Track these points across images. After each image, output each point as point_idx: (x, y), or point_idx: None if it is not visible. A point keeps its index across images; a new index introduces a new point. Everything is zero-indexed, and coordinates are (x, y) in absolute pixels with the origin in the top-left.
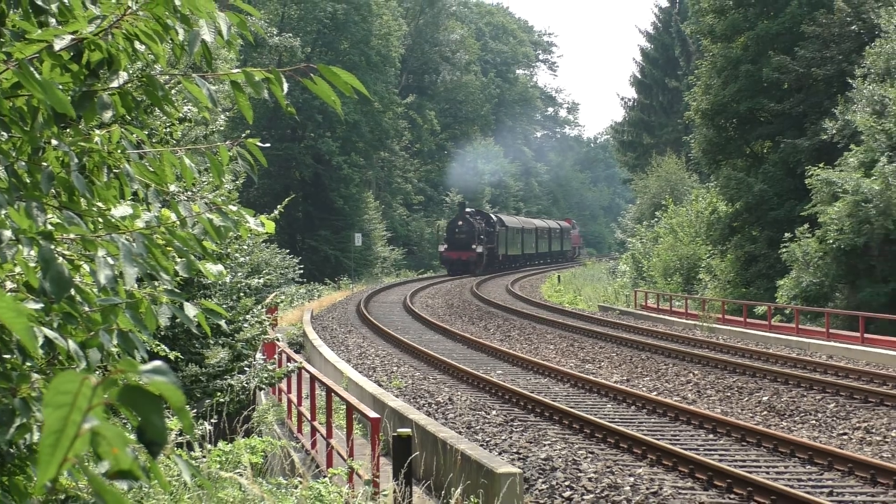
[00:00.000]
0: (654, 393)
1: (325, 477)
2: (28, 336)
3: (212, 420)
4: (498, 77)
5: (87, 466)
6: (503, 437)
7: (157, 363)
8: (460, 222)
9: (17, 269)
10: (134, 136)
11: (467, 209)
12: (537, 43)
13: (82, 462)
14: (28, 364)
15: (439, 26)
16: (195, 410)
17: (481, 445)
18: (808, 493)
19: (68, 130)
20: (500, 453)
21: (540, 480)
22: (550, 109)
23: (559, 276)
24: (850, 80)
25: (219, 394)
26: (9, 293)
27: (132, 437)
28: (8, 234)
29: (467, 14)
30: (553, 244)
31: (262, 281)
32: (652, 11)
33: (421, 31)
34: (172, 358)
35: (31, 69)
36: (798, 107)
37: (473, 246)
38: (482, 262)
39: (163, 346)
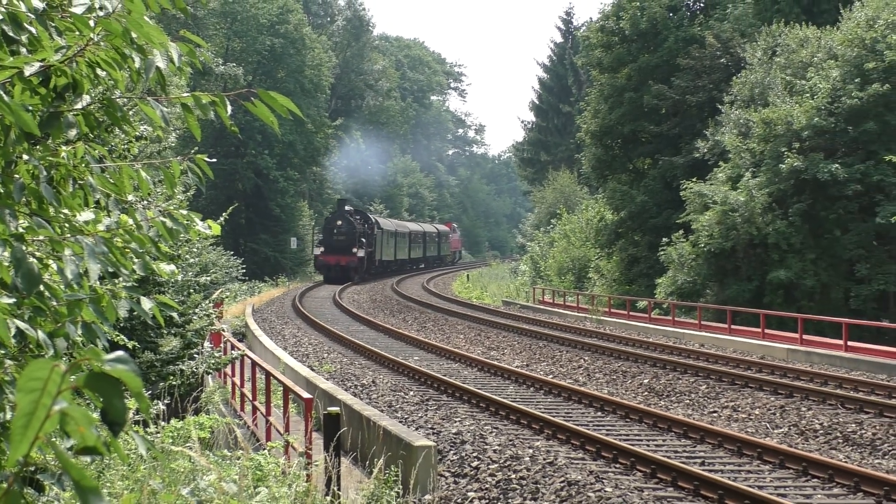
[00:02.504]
0: (551, 376)
1: (264, 449)
2: (2, 328)
3: (165, 400)
4: (415, 102)
5: (55, 443)
6: (420, 415)
7: (120, 353)
8: (339, 222)
9: None
10: (96, 151)
11: (347, 207)
12: (449, 73)
13: (51, 439)
14: (1, 352)
15: (364, 58)
16: (150, 392)
17: (401, 422)
18: (683, 462)
19: (38, 147)
20: (417, 429)
21: (451, 452)
22: (460, 130)
23: (468, 275)
24: (719, 106)
25: (171, 377)
26: None
27: (96, 416)
28: None
29: (388, 47)
30: (429, 249)
31: (209, 279)
32: (548, 46)
33: (348, 62)
34: (130, 346)
35: (2, 92)
36: (674, 129)
37: (354, 250)
38: (363, 268)
39: (122, 336)
